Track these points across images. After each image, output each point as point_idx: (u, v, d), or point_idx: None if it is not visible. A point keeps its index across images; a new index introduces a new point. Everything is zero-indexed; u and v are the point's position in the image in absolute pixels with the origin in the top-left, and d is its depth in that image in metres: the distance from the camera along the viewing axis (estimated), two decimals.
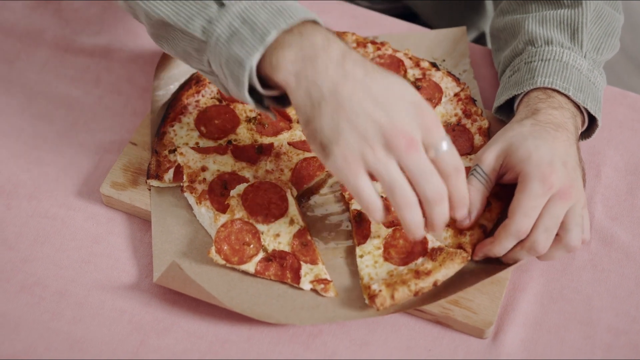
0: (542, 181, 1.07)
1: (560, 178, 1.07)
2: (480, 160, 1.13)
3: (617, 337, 1.12)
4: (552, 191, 1.07)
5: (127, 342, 1.11)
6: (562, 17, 1.23)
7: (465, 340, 1.12)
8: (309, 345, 1.11)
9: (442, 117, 1.28)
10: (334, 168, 1.00)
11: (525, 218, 1.07)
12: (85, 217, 1.22)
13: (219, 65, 1.04)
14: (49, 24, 1.44)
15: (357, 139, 0.98)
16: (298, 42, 0.99)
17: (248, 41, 1.00)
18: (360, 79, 0.98)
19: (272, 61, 1.00)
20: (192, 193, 1.19)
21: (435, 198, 1.01)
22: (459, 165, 1.02)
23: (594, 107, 1.18)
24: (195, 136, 1.25)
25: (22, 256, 1.18)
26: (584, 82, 1.19)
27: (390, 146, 0.98)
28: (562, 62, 1.19)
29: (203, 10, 1.03)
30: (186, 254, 1.16)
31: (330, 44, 1.00)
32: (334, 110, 0.98)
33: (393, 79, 1.00)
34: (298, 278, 1.13)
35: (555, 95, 1.17)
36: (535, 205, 1.07)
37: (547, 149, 1.09)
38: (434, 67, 1.32)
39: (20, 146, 1.29)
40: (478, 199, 1.11)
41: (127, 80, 1.37)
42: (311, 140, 1.01)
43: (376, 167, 0.98)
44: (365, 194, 1.00)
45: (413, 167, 0.99)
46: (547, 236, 1.08)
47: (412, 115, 0.99)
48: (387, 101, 0.98)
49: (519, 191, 1.08)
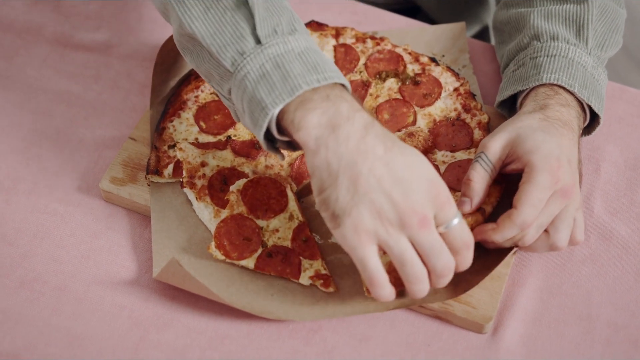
0: (551, 174, 1.07)
1: (566, 174, 1.07)
2: (486, 148, 1.12)
3: (617, 331, 1.12)
4: (557, 186, 1.07)
5: (127, 337, 1.11)
6: (568, 13, 1.23)
7: (464, 336, 1.12)
8: (308, 340, 1.11)
9: (441, 111, 1.28)
10: (342, 236, 1.00)
11: (532, 209, 1.06)
12: (84, 212, 1.22)
13: (240, 100, 1.03)
14: (48, 20, 1.43)
15: (371, 213, 0.98)
16: (324, 107, 0.99)
17: (277, 89, 0.99)
18: (380, 156, 0.98)
19: (294, 119, 0.99)
20: (191, 188, 1.19)
21: (444, 272, 1.02)
22: (468, 241, 1.02)
23: (598, 104, 1.18)
24: (194, 131, 1.25)
25: (22, 252, 1.18)
26: (589, 79, 1.18)
27: (404, 224, 0.98)
28: (567, 59, 1.19)
29: (239, 41, 1.02)
30: (186, 250, 1.16)
31: (355, 115, 1.00)
32: (351, 184, 0.98)
33: (412, 157, 1.00)
34: (298, 273, 1.13)
35: (562, 92, 1.17)
36: (542, 197, 1.06)
37: (555, 144, 1.09)
38: (433, 62, 1.32)
39: (20, 142, 1.29)
40: (481, 186, 1.11)
41: (127, 76, 1.37)
42: (323, 208, 1.01)
43: (387, 241, 0.99)
44: (371, 266, 1.00)
45: (425, 244, 0.99)
46: (537, 232, 1.09)
47: (427, 193, 0.99)
48: (405, 180, 0.98)
49: (526, 182, 1.08)
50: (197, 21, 1.04)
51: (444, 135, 1.25)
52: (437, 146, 1.24)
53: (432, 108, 1.28)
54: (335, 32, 1.35)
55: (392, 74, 1.31)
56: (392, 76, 1.31)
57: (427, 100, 1.29)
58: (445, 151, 1.24)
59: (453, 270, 1.02)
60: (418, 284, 1.01)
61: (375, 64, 1.32)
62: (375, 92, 1.30)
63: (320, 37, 1.34)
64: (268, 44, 1.02)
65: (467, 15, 1.64)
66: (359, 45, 1.34)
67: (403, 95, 1.29)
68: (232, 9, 1.03)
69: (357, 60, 1.33)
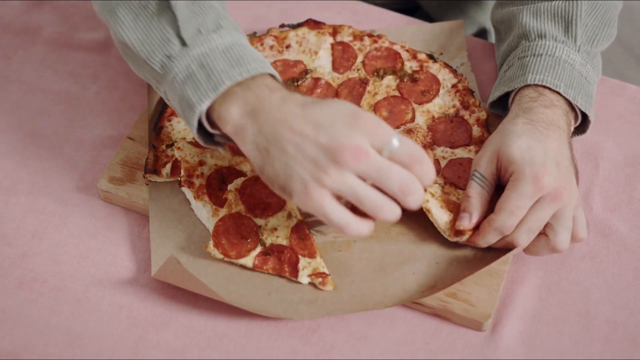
0: (534, 182, 1.07)
1: (552, 180, 1.07)
2: (478, 165, 1.14)
3: (615, 329, 1.12)
4: (542, 192, 1.07)
5: (126, 337, 1.11)
6: (557, 9, 1.22)
7: (463, 333, 1.12)
8: (307, 339, 1.11)
9: (439, 108, 1.28)
10: (300, 204, 1.01)
11: (510, 216, 1.08)
12: (83, 212, 1.22)
13: (173, 100, 1.08)
14: (46, 20, 1.44)
15: (308, 169, 0.98)
16: (245, 97, 1.02)
17: (202, 87, 1.03)
18: (298, 113, 1.00)
19: (220, 113, 1.03)
20: (189, 187, 1.19)
21: (404, 190, 1.01)
22: (417, 155, 1.01)
23: (585, 103, 1.18)
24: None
25: (21, 252, 1.18)
26: (576, 78, 1.18)
27: (340, 162, 0.98)
28: (554, 58, 1.19)
29: (165, 45, 1.06)
30: (184, 249, 1.16)
31: (273, 94, 1.02)
32: (281, 152, 1.00)
33: (329, 102, 1.02)
34: (296, 272, 1.13)
35: (547, 93, 1.17)
36: (522, 205, 1.07)
37: (540, 149, 1.09)
38: (431, 59, 1.32)
39: (18, 142, 1.29)
40: (479, 202, 1.12)
41: (125, 75, 1.37)
42: (271, 187, 1.03)
43: (334, 186, 0.99)
44: (336, 216, 1.00)
45: (369, 172, 0.99)
46: (529, 236, 1.09)
47: (350, 125, 0.99)
48: (326, 122, 0.99)
49: (508, 189, 1.09)
50: (127, 30, 1.08)
51: (443, 131, 1.25)
52: (436, 142, 1.24)
53: (430, 105, 1.28)
54: (332, 30, 1.35)
55: (389, 72, 1.31)
56: (390, 73, 1.31)
57: (425, 97, 1.29)
58: (445, 147, 1.24)
59: (415, 185, 1.01)
60: (383, 211, 1.00)
61: (373, 62, 1.32)
62: (373, 90, 1.30)
63: (317, 35, 1.34)
64: (193, 44, 1.05)
65: (465, 16, 1.64)
66: (357, 43, 1.34)
67: (401, 93, 1.29)
68: (158, 14, 1.07)
69: (355, 58, 1.32)
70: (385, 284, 1.13)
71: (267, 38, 1.34)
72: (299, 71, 1.32)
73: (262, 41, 1.34)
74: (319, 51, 1.33)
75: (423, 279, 1.13)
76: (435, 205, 1.16)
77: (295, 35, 1.34)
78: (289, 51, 1.33)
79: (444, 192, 1.18)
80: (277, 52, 1.33)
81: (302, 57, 1.33)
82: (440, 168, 1.21)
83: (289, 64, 1.32)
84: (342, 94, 1.30)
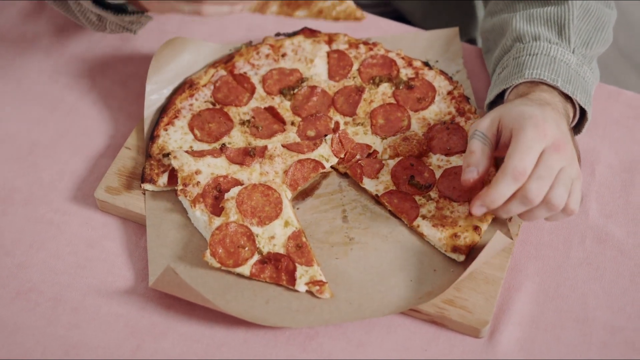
0: (536, 128, 1.07)
1: (553, 131, 1.08)
2: (478, 125, 1.13)
3: (613, 334, 1.12)
4: (546, 140, 1.07)
5: (123, 346, 1.11)
6: (549, 15, 1.23)
7: (461, 340, 1.12)
8: (305, 347, 1.11)
9: (435, 115, 1.28)
10: None
11: (522, 156, 1.06)
12: (80, 222, 1.22)
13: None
14: (43, 29, 1.44)
15: None
16: None
17: None
18: None
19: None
20: (186, 196, 1.19)
21: None
22: None
23: (584, 99, 1.18)
24: (189, 140, 1.25)
25: (18, 262, 1.18)
26: (573, 75, 1.19)
27: None
28: (550, 56, 1.19)
29: None
30: (181, 258, 1.16)
31: None
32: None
33: None
34: (293, 280, 1.13)
35: (544, 88, 1.17)
36: (531, 146, 1.07)
37: (538, 110, 1.10)
38: (426, 67, 1.32)
39: (15, 152, 1.29)
40: (483, 156, 1.11)
41: (121, 85, 1.37)
42: None
43: None
44: None
45: None
46: (540, 185, 1.07)
47: None
48: None
49: (513, 138, 1.08)
50: None
51: (439, 138, 1.25)
52: (432, 150, 1.24)
53: (426, 112, 1.28)
54: (328, 39, 1.35)
55: (385, 79, 1.31)
56: (386, 81, 1.31)
57: (421, 104, 1.29)
58: (440, 155, 1.24)
59: None
60: None
61: (369, 69, 1.32)
62: (369, 97, 1.30)
63: (313, 43, 1.34)
64: None
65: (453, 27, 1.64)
66: (352, 51, 1.34)
67: (397, 100, 1.30)
68: None
69: (351, 66, 1.33)
70: (383, 291, 1.13)
71: (263, 47, 1.34)
72: (295, 79, 1.32)
73: (258, 50, 1.34)
74: (314, 59, 1.33)
75: (420, 286, 1.13)
76: (427, 225, 1.17)
77: (291, 43, 1.35)
78: (284, 59, 1.33)
79: (437, 208, 1.18)
80: (273, 60, 1.33)
81: (298, 65, 1.33)
82: (435, 180, 1.21)
83: (285, 73, 1.32)
84: (338, 101, 1.30)
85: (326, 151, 1.24)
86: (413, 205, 1.19)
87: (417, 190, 1.21)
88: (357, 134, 1.27)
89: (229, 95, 1.30)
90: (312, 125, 1.28)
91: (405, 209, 1.19)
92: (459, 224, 1.16)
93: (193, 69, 1.33)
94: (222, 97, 1.30)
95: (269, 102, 1.30)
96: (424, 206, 1.19)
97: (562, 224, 1.21)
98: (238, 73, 1.32)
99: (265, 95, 1.31)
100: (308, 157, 1.23)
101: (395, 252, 1.17)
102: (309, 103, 1.29)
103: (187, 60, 1.33)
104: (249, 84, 1.31)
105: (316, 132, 1.27)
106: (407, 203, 1.19)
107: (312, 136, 1.27)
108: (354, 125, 1.28)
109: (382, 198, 1.20)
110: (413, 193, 1.20)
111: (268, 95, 1.31)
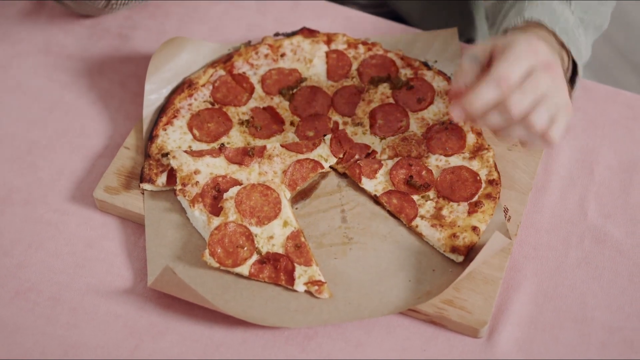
0: (528, 44, 1.06)
1: (545, 51, 1.07)
2: (470, 49, 1.12)
3: (612, 334, 1.12)
4: (536, 57, 1.06)
5: (122, 346, 1.11)
6: None
7: (460, 340, 1.12)
8: (304, 347, 1.11)
9: (434, 115, 1.28)
10: None
11: (508, 64, 1.04)
12: (79, 222, 1.22)
13: None
14: (41, 30, 1.44)
15: None
16: None
17: None
18: None
19: None
20: (185, 196, 1.19)
21: None
22: None
23: (576, 52, 1.17)
24: (188, 139, 1.25)
25: (17, 262, 1.18)
26: (569, 30, 1.18)
27: None
28: (551, 8, 1.18)
29: None
30: (180, 258, 1.16)
31: None
32: None
33: None
34: (292, 280, 1.13)
35: (543, 33, 1.15)
36: (520, 57, 1.05)
37: (534, 37, 1.09)
38: (425, 67, 1.33)
39: (14, 151, 1.29)
40: (472, 71, 1.09)
41: (120, 84, 1.37)
42: None
43: None
44: None
45: None
46: (522, 99, 1.04)
47: None
48: None
49: (504, 51, 1.06)
50: None
51: (437, 139, 1.25)
52: (431, 150, 1.24)
53: (425, 112, 1.28)
54: (327, 39, 1.35)
55: (384, 79, 1.32)
56: (385, 81, 1.31)
57: (420, 104, 1.29)
58: (439, 155, 1.24)
59: None
60: None
61: (368, 70, 1.32)
62: (368, 97, 1.30)
63: (312, 43, 1.34)
64: None
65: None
66: (351, 51, 1.34)
67: (396, 100, 1.30)
68: None
69: (350, 66, 1.33)
70: (381, 291, 1.13)
71: (261, 47, 1.34)
72: (294, 79, 1.32)
73: (257, 50, 1.34)
74: (313, 59, 1.33)
75: (419, 286, 1.13)
76: (426, 225, 1.17)
77: (289, 43, 1.35)
78: (283, 60, 1.34)
79: (436, 208, 1.18)
80: (272, 60, 1.33)
81: (297, 65, 1.33)
82: (433, 180, 1.21)
83: (284, 73, 1.32)
84: (337, 101, 1.30)
85: (325, 151, 1.24)
86: (412, 205, 1.19)
87: (416, 191, 1.21)
88: (356, 134, 1.27)
89: (227, 95, 1.30)
90: (311, 125, 1.28)
91: (404, 209, 1.19)
92: (457, 224, 1.16)
93: (192, 68, 1.33)
94: (221, 97, 1.30)
95: (268, 102, 1.30)
96: (422, 206, 1.19)
97: (560, 225, 1.22)
98: (237, 73, 1.32)
99: (264, 95, 1.31)
100: (307, 157, 1.23)
101: (394, 252, 1.17)
102: (308, 103, 1.30)
103: (186, 60, 1.33)
104: (247, 83, 1.31)
105: (315, 132, 1.27)
106: (405, 203, 1.19)
107: (311, 136, 1.27)
108: (353, 125, 1.28)
109: (381, 198, 1.20)
110: (412, 193, 1.20)
111: (267, 95, 1.31)
